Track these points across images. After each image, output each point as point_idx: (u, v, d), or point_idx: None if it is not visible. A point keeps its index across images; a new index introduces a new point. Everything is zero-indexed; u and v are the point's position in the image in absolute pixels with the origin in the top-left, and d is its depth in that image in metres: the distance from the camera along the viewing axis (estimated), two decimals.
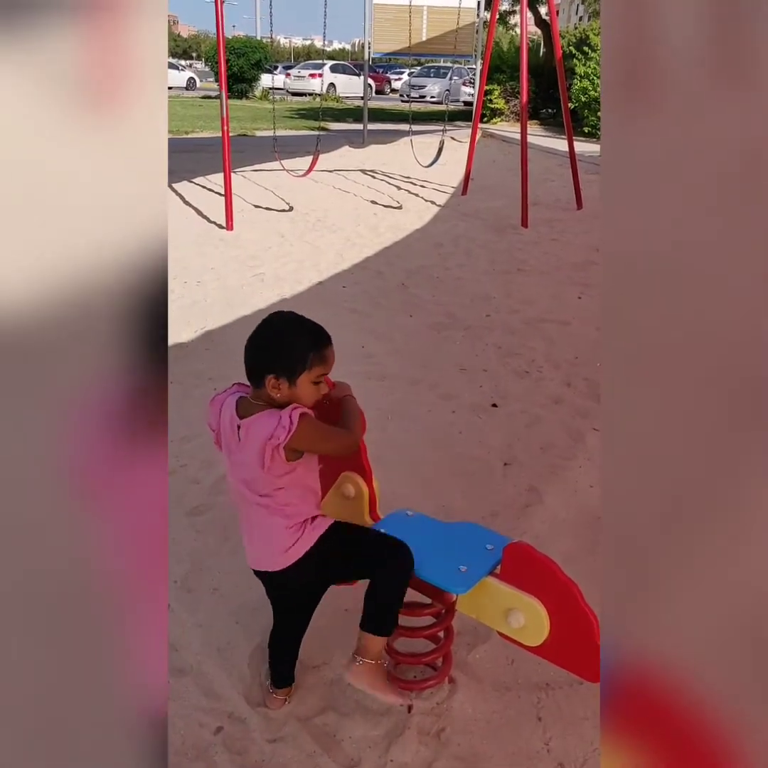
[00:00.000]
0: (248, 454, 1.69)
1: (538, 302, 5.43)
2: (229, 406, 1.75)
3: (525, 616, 1.72)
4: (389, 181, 10.81)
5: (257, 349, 1.70)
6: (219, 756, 1.83)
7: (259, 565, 1.83)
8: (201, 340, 4.57)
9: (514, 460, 3.25)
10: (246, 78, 26.08)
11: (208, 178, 10.13)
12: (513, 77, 18.00)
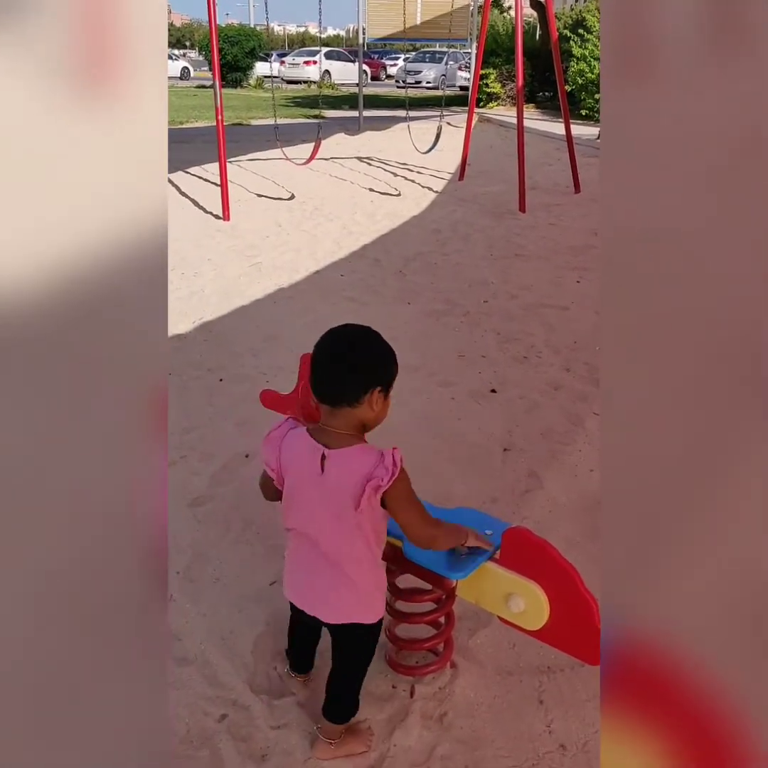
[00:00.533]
0: (337, 490, 1.57)
1: (536, 287, 5.42)
2: (301, 437, 1.62)
3: (525, 601, 1.73)
4: (386, 168, 10.77)
5: (361, 361, 1.58)
6: (224, 743, 1.85)
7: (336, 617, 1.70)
8: (199, 331, 4.57)
9: (513, 445, 3.26)
10: (240, 66, 25.91)
11: (204, 168, 10.09)
12: (509, 60, 17.88)
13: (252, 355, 4.19)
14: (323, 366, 1.58)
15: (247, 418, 3.39)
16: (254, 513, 2.73)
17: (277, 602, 2.30)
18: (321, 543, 1.64)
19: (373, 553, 1.67)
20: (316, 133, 8.77)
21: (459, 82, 23.97)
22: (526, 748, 1.84)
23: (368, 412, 1.58)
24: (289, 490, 1.65)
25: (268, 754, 1.82)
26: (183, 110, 17.76)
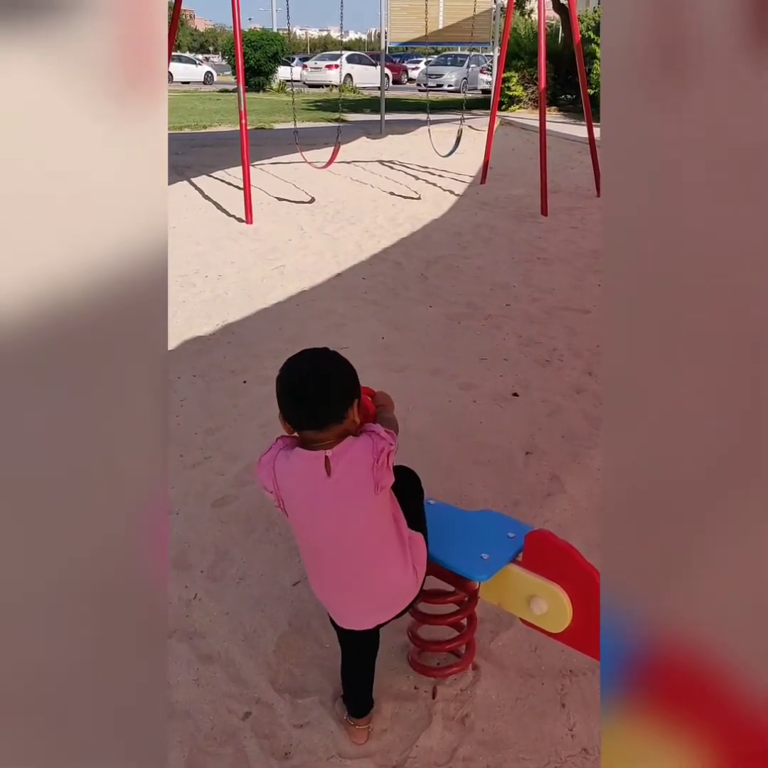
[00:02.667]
0: (351, 483, 1.58)
1: (558, 291, 5.41)
2: (290, 455, 1.62)
3: (547, 603, 1.73)
4: (407, 172, 10.79)
5: (336, 379, 1.61)
6: (247, 741, 1.87)
7: (373, 620, 1.72)
8: (222, 334, 4.61)
9: (535, 449, 3.26)
10: (263, 71, 26.09)
11: (227, 172, 10.18)
12: (531, 63, 17.85)
13: (275, 357, 4.22)
14: (301, 397, 1.59)
15: (271, 419, 3.41)
16: (278, 514, 2.74)
17: (300, 603, 2.32)
18: (342, 548, 1.63)
19: (401, 530, 1.71)
20: (336, 136, 8.81)
21: (481, 85, 23.95)
22: (548, 751, 1.84)
23: (351, 424, 1.61)
24: (292, 506, 1.65)
25: (291, 752, 1.84)
26: (206, 114, 17.92)
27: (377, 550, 1.65)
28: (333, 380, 1.60)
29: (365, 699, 1.88)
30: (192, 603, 2.33)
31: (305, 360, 1.65)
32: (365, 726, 1.87)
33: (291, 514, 1.67)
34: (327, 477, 1.57)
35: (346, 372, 1.63)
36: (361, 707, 1.88)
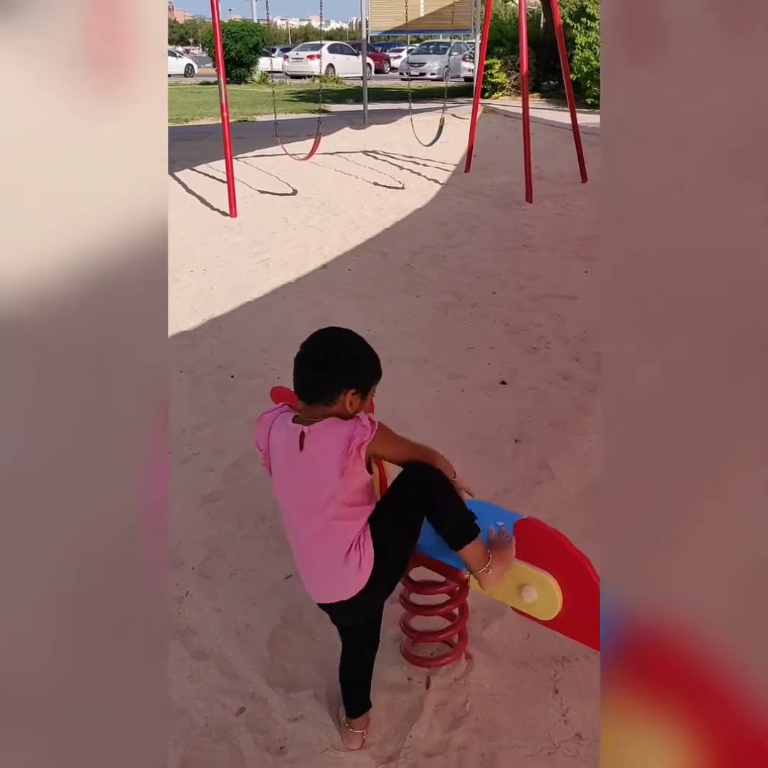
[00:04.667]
0: (317, 463, 1.61)
1: (544, 278, 5.41)
2: (284, 420, 1.67)
3: (538, 591, 1.74)
4: (391, 162, 10.75)
5: (336, 364, 1.64)
6: (242, 736, 1.87)
7: (332, 596, 1.71)
8: (209, 328, 4.59)
9: (524, 436, 3.26)
10: (244, 62, 25.89)
11: (210, 166, 10.11)
12: (513, 50, 17.76)
13: (262, 351, 4.21)
14: (301, 365, 1.66)
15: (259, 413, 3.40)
16: (267, 508, 2.75)
17: (292, 596, 2.32)
18: (310, 518, 1.64)
19: (355, 526, 1.65)
20: (317, 128, 8.76)
21: (463, 73, 23.87)
22: (542, 737, 1.85)
23: (343, 410, 1.63)
24: (274, 470, 1.71)
25: (286, 746, 1.84)
26: (188, 107, 17.78)
27: (325, 533, 1.64)
28: (332, 363, 1.65)
29: (361, 698, 1.87)
30: (184, 600, 2.33)
31: (323, 337, 1.71)
32: (360, 731, 1.85)
33: (273, 475, 1.72)
34: (299, 452, 1.62)
35: (355, 357, 1.67)
36: (357, 706, 1.86)
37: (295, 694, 1.99)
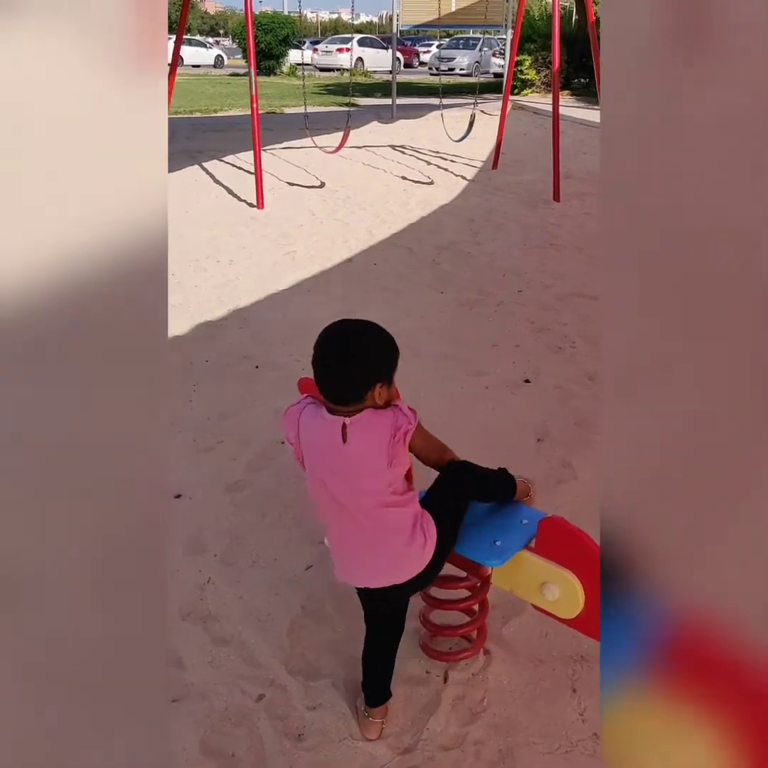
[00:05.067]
0: (364, 454, 1.61)
1: (570, 277, 5.38)
2: (316, 413, 1.66)
3: (560, 590, 1.74)
4: (419, 157, 10.72)
5: (356, 366, 1.60)
6: (261, 722, 1.89)
7: (389, 579, 1.71)
8: (234, 319, 4.62)
9: (547, 435, 3.25)
10: (274, 54, 25.92)
11: (237, 157, 10.15)
12: (545, 47, 17.61)
13: (287, 343, 4.23)
14: (323, 370, 1.62)
15: (284, 404, 3.40)
16: (291, 498, 2.78)
17: (314, 586, 2.34)
18: (362, 506, 1.65)
19: (412, 503, 1.71)
20: (345, 121, 8.76)
21: (493, 68, 23.72)
22: (559, 735, 1.85)
23: (373, 403, 1.63)
24: (310, 462, 1.68)
25: (304, 734, 1.86)
26: (217, 98, 17.85)
27: (383, 518, 1.66)
28: (355, 363, 1.61)
29: (382, 687, 1.88)
30: (206, 587, 2.35)
31: (337, 333, 1.65)
32: (379, 720, 1.87)
33: (307, 469, 1.70)
34: (343, 444, 1.60)
35: (374, 354, 1.64)
36: (378, 696, 1.87)
37: (314, 682, 2.01)
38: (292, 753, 1.82)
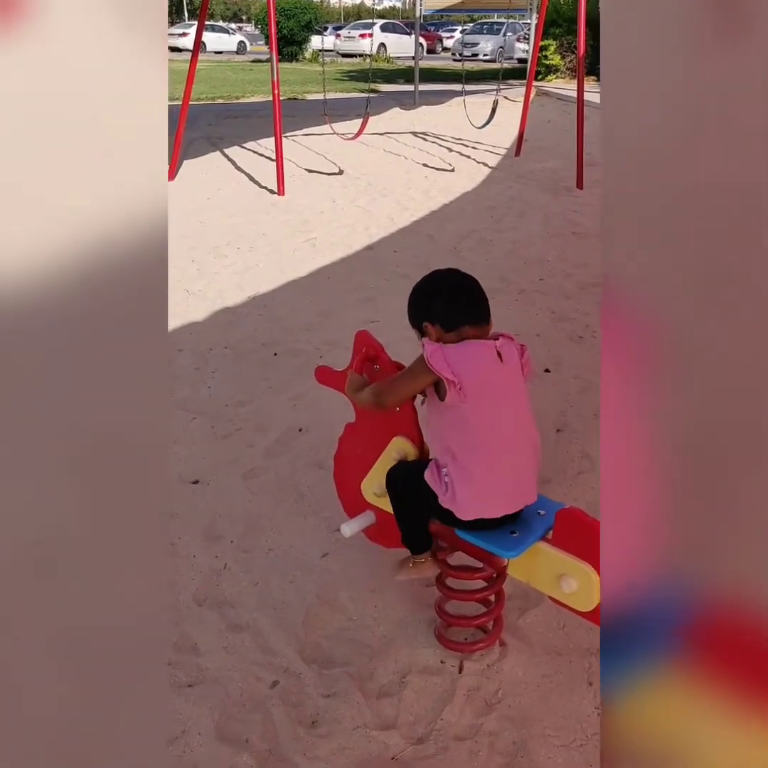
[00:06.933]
0: (515, 370, 1.82)
1: (592, 266, 5.31)
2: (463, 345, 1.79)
3: (577, 582, 1.72)
4: (440, 144, 10.64)
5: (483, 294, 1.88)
6: (275, 708, 1.89)
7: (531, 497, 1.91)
8: (254, 306, 4.62)
9: (566, 426, 3.22)
10: (296, 40, 25.83)
11: (259, 143, 10.14)
12: (570, 31, 17.37)
13: (306, 330, 4.22)
14: (469, 292, 1.86)
15: (301, 392, 3.42)
16: (307, 486, 2.77)
17: (329, 575, 2.34)
18: (512, 425, 1.83)
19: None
20: (365, 107, 8.71)
21: (517, 54, 23.45)
22: (574, 728, 1.83)
23: None
24: (471, 390, 1.74)
25: (318, 721, 1.86)
26: (239, 85, 17.83)
27: (533, 429, 1.91)
28: (483, 290, 1.88)
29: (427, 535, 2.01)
30: (222, 572, 2.36)
31: (449, 272, 1.93)
32: (427, 557, 2.00)
33: (469, 396, 1.74)
34: (501, 363, 1.77)
35: None
36: (423, 543, 2.00)
37: (328, 671, 2.01)
38: (306, 740, 1.82)
